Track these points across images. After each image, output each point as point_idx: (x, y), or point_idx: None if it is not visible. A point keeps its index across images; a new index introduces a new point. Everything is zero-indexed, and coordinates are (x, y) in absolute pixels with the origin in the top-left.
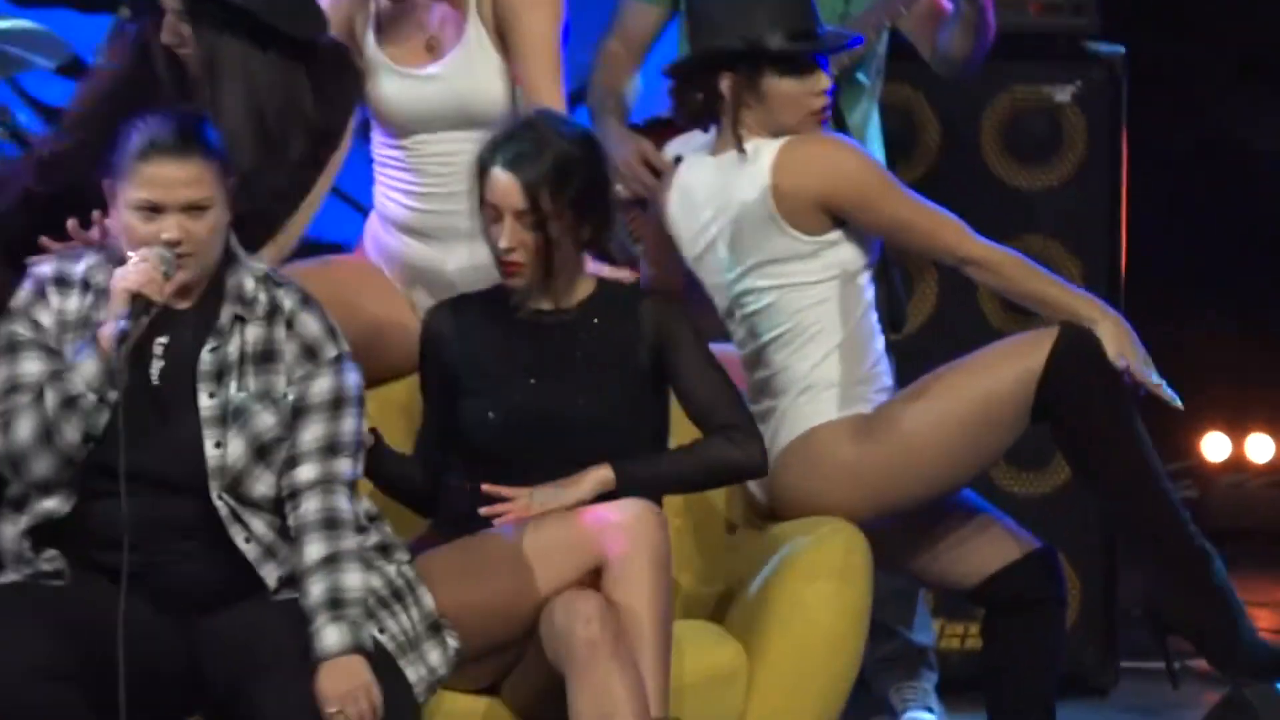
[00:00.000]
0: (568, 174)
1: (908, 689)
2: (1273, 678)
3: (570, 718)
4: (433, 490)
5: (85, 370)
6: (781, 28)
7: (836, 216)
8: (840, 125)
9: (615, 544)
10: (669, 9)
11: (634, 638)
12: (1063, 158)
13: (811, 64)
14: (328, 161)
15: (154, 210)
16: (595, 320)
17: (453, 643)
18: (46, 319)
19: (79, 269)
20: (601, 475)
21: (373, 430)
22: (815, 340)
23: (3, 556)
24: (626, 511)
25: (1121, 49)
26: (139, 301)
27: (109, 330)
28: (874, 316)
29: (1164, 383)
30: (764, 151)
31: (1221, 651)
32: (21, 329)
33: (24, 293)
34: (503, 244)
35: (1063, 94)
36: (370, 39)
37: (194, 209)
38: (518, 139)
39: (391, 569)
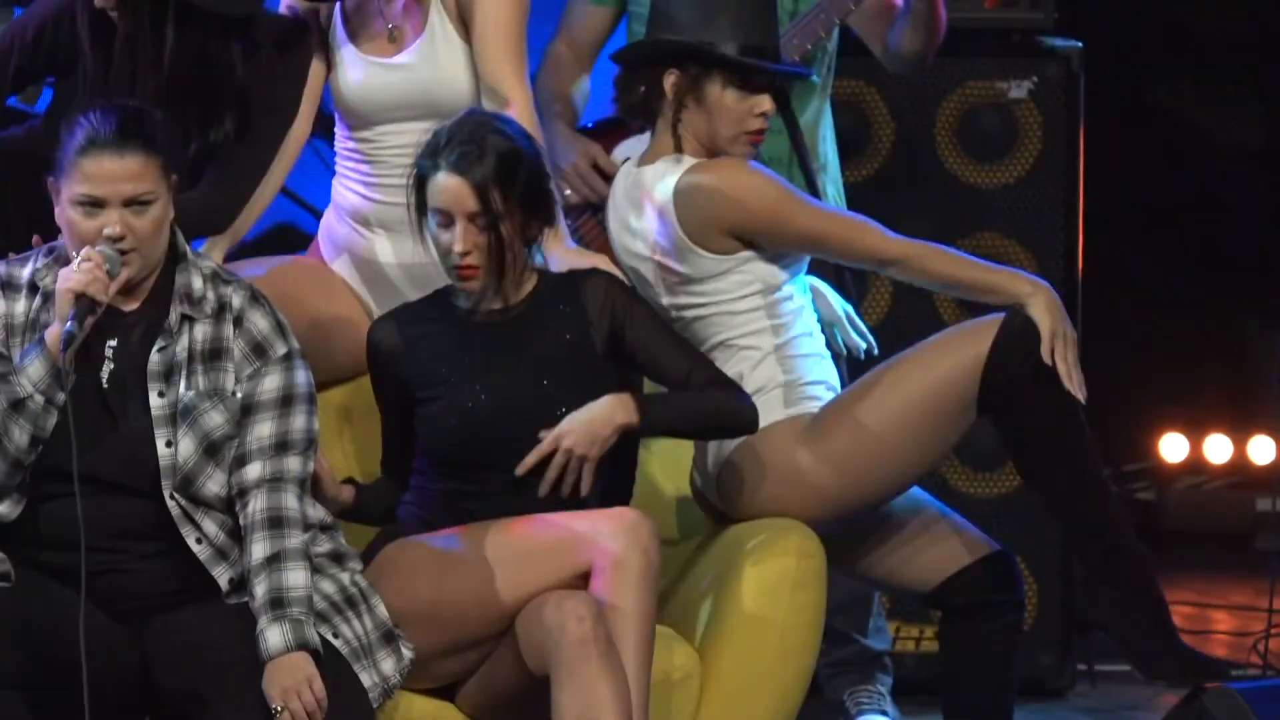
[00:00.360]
0: (513, 170)
1: (862, 693)
2: (1190, 683)
3: (554, 715)
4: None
5: (33, 372)
6: (739, 40)
7: (746, 240)
8: (791, 124)
9: (608, 549)
10: (618, 10)
11: (620, 646)
12: (1018, 155)
13: (759, 84)
14: (275, 136)
15: (95, 205)
16: (543, 312)
17: (407, 653)
18: None
19: (26, 272)
20: (623, 401)
21: (349, 480)
22: (749, 349)
23: None
24: (621, 519)
25: (1078, 44)
26: (83, 302)
27: (55, 332)
28: (811, 321)
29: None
30: (669, 177)
31: (1148, 656)
32: None
33: None
34: (459, 248)
35: (1018, 90)
36: (337, 27)
37: (136, 203)
38: (457, 142)
39: (345, 576)
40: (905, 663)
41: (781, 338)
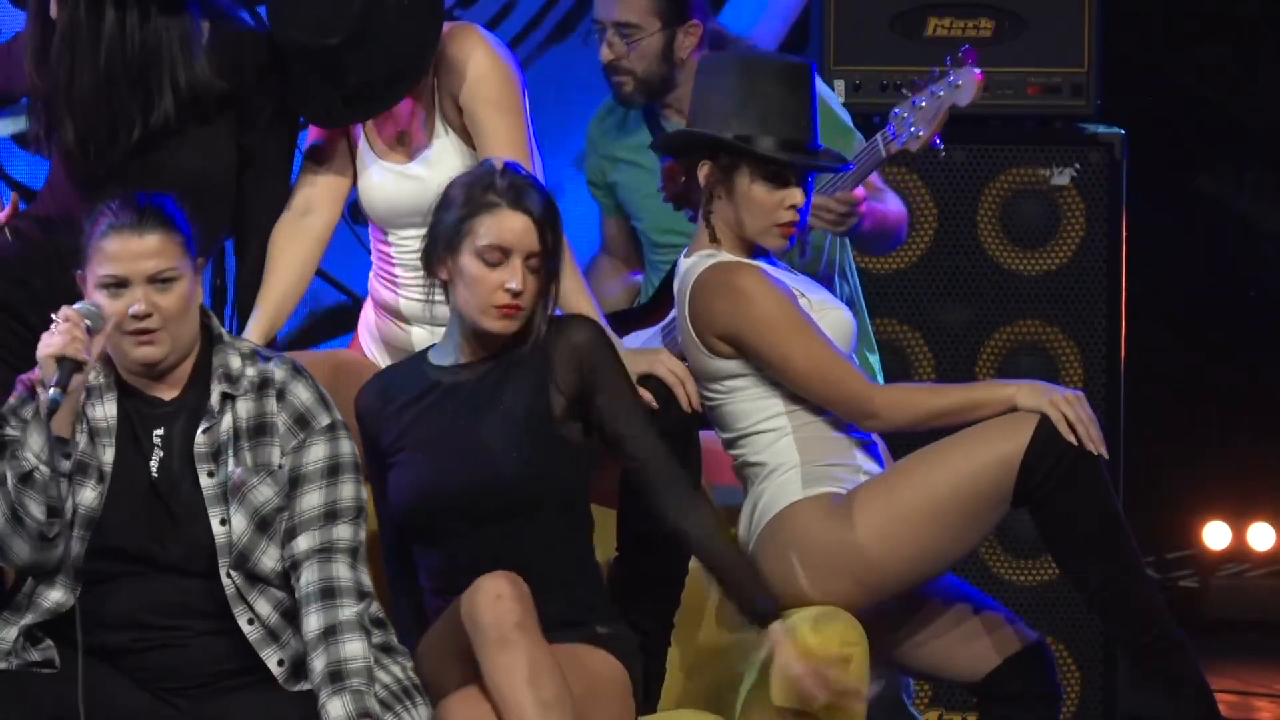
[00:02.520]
0: (555, 215)
1: None
2: None
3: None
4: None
5: (33, 444)
6: (773, 133)
7: (739, 350)
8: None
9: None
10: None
11: None
12: (1061, 241)
13: (789, 177)
14: (266, 153)
15: (120, 285)
16: (512, 367)
17: None
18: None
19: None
20: None
21: None
22: (764, 435)
23: None
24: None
25: (1121, 131)
26: (66, 364)
27: (42, 398)
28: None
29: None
30: (697, 269)
31: None
32: (11, 429)
33: (15, 396)
34: (515, 285)
35: (1061, 177)
36: (358, 132)
37: (159, 281)
38: (510, 183)
39: (397, 670)
40: None
41: (794, 421)
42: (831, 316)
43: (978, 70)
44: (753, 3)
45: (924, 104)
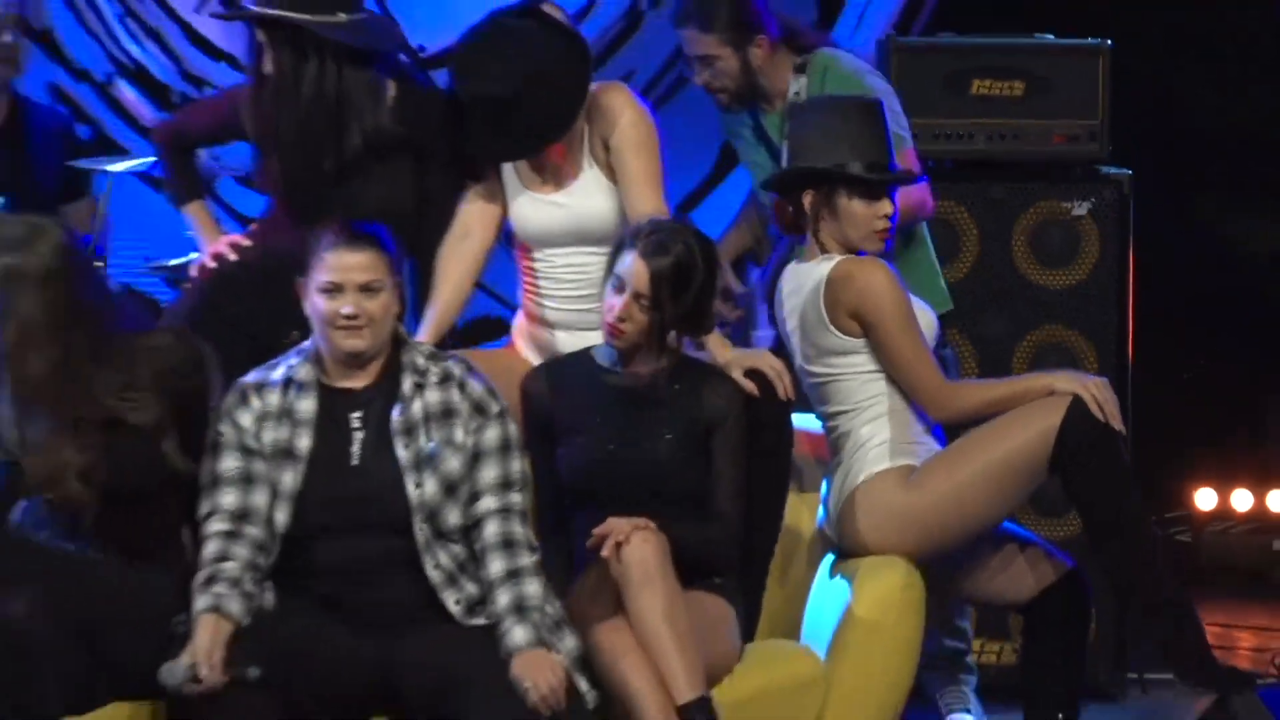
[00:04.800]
0: (685, 280)
1: (951, 693)
2: (1223, 689)
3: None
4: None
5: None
6: (861, 158)
7: (863, 327)
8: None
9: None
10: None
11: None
12: (1080, 261)
13: (880, 191)
14: (437, 179)
15: (336, 290)
16: (668, 391)
17: (587, 690)
18: (246, 420)
19: (279, 372)
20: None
21: None
22: (865, 412)
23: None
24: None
25: (1128, 171)
26: (192, 675)
27: (176, 673)
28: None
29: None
30: (822, 267)
31: (1186, 668)
32: (226, 429)
33: (230, 398)
34: (618, 314)
35: (1080, 209)
36: (510, 168)
37: (367, 289)
38: (656, 234)
39: (550, 608)
40: (989, 672)
41: (891, 402)
42: (924, 319)
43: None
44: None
45: None
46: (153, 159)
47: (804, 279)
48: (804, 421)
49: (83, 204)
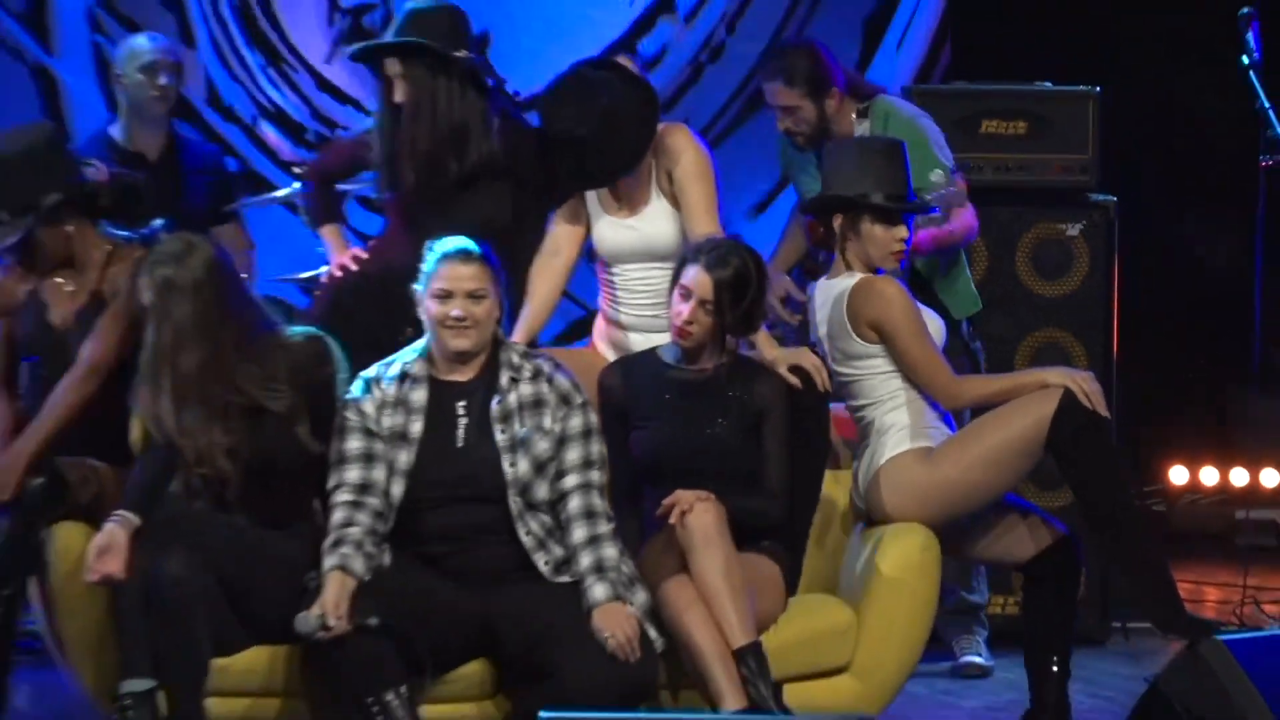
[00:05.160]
0: (742, 289)
1: (965, 639)
2: (1193, 636)
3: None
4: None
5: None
6: (882, 189)
7: (880, 335)
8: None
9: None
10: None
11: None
12: (1073, 274)
13: (897, 218)
14: (530, 200)
15: (447, 296)
16: (726, 385)
17: (656, 637)
18: (368, 407)
19: (395, 367)
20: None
21: None
22: (886, 404)
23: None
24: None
25: (1114, 198)
26: (323, 624)
27: (308, 622)
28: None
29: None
30: (845, 283)
31: (1161, 618)
32: (351, 415)
33: (354, 388)
34: (686, 319)
35: (1073, 230)
36: (592, 196)
37: (473, 296)
38: (717, 251)
39: (625, 566)
40: (995, 621)
41: (908, 395)
42: (933, 325)
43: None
44: None
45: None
46: (290, 189)
47: (830, 293)
48: (839, 410)
49: (230, 227)
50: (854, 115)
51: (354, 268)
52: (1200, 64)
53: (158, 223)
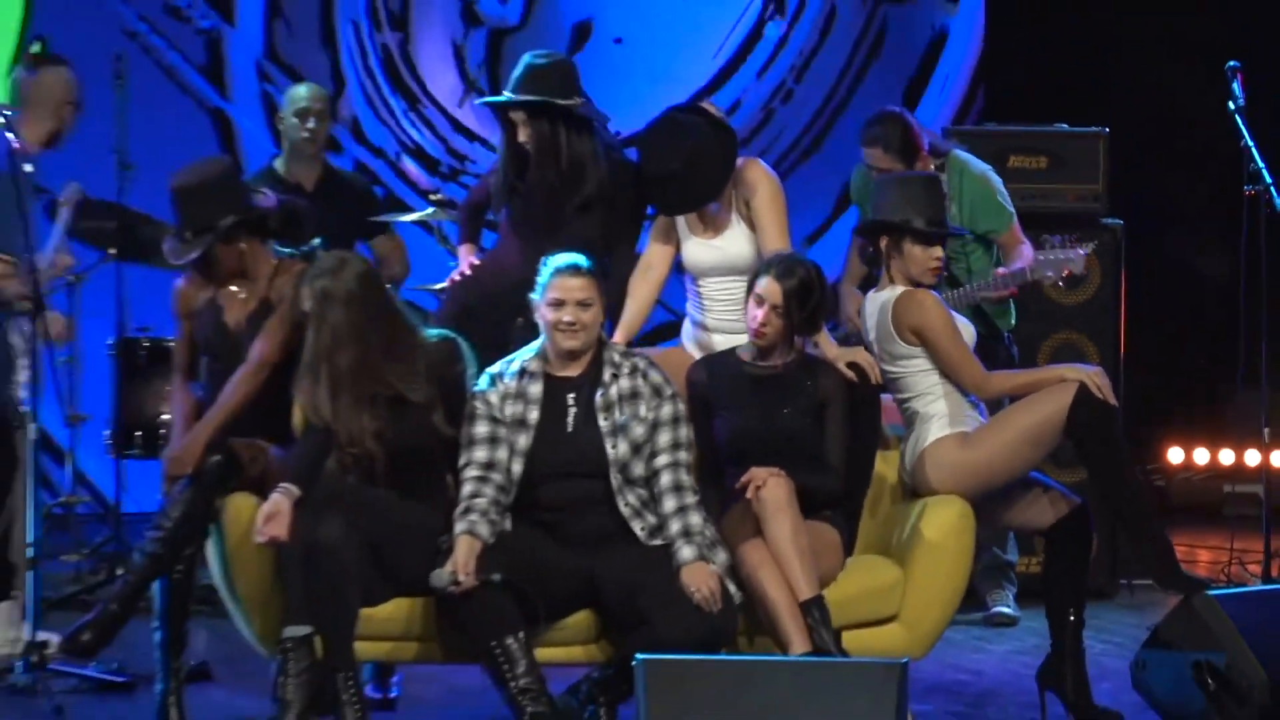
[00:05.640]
0: (806, 296)
1: (996, 593)
2: (1187, 591)
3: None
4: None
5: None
6: (922, 216)
7: (919, 338)
8: (951, 273)
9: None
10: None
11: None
12: (1086, 286)
13: (934, 240)
14: (628, 223)
15: (560, 304)
16: (794, 378)
17: (735, 592)
18: (494, 398)
19: (515, 364)
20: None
21: None
22: (926, 396)
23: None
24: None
25: (1121, 222)
26: (453, 579)
27: (442, 577)
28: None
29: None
30: (889, 294)
31: (1161, 576)
32: (479, 404)
33: (481, 381)
34: (760, 321)
35: (1086, 249)
36: (681, 221)
37: (582, 304)
38: (784, 263)
39: (708, 531)
40: (1022, 579)
41: (945, 388)
42: (966, 331)
43: (1084, 252)
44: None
45: (1056, 257)
46: (426, 212)
47: (877, 303)
48: (889, 400)
49: (384, 238)
50: (932, 168)
51: (470, 273)
52: (1195, 108)
53: (316, 241)
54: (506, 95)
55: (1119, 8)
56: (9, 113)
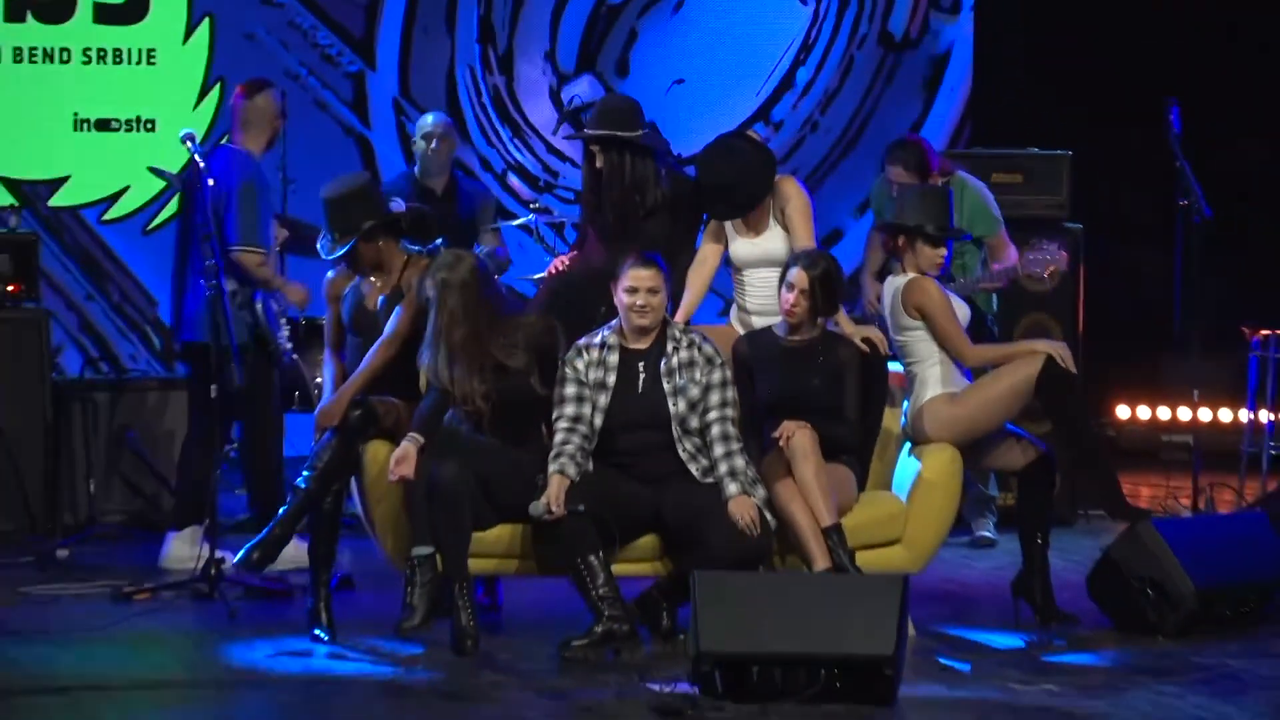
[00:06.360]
0: (830, 280)
1: (979, 520)
2: (1132, 519)
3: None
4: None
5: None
6: (932, 222)
7: (922, 315)
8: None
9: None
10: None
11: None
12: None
13: (941, 242)
14: (686, 226)
15: (633, 291)
16: (818, 350)
17: (770, 520)
18: (580, 365)
19: (598, 338)
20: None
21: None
22: (925, 362)
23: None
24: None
25: (1080, 226)
26: (545, 510)
27: (539, 507)
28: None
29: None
30: (901, 280)
31: (1111, 508)
32: (568, 370)
33: (570, 352)
34: (791, 303)
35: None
36: (728, 224)
37: (651, 291)
38: (809, 257)
39: (750, 470)
40: (1001, 510)
41: (940, 357)
42: (961, 311)
43: (1065, 254)
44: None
45: (1042, 256)
46: (527, 218)
47: (892, 287)
48: (895, 366)
49: (491, 234)
50: (940, 184)
51: (561, 268)
52: (1140, 135)
53: (438, 241)
54: (585, 131)
55: (1078, 54)
56: (192, 142)
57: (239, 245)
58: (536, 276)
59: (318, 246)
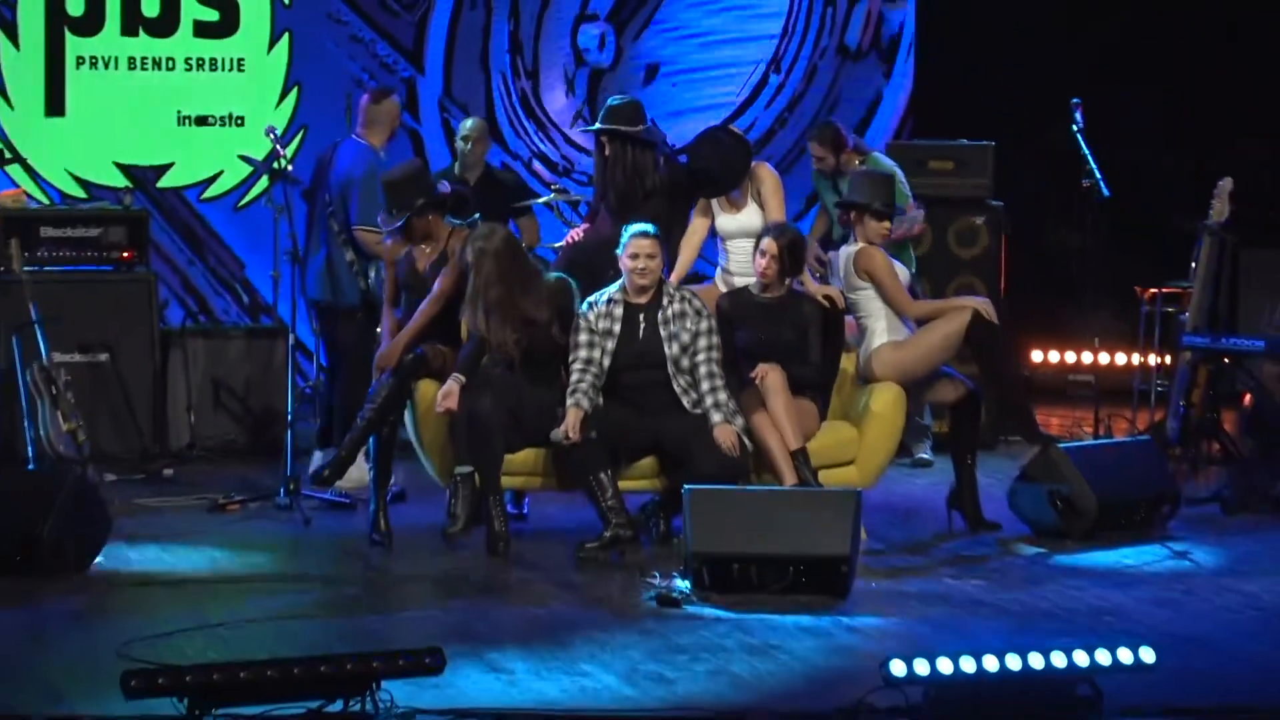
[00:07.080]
0: (796, 248)
1: (919, 445)
2: (1044, 443)
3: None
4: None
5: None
6: (878, 199)
7: (870, 278)
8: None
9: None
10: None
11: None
12: (978, 245)
13: (886, 216)
14: (682, 210)
15: (635, 257)
16: (787, 305)
17: (748, 444)
18: (591, 317)
19: (605, 295)
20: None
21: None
22: (873, 317)
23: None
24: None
25: (1001, 204)
26: (561, 437)
27: (561, 430)
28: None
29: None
30: (853, 249)
31: (1027, 434)
32: (583, 321)
33: (583, 307)
34: (763, 266)
35: (979, 221)
36: (715, 202)
37: (650, 256)
38: (779, 228)
39: (731, 403)
40: (936, 437)
41: (886, 312)
42: (903, 274)
43: (922, 213)
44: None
45: (909, 218)
46: (549, 198)
47: (844, 255)
48: (850, 320)
49: (526, 219)
50: (857, 162)
51: (577, 239)
52: (1051, 127)
53: (476, 216)
54: (596, 125)
55: (1005, 59)
56: (274, 134)
57: (359, 224)
58: (556, 245)
59: (378, 220)
